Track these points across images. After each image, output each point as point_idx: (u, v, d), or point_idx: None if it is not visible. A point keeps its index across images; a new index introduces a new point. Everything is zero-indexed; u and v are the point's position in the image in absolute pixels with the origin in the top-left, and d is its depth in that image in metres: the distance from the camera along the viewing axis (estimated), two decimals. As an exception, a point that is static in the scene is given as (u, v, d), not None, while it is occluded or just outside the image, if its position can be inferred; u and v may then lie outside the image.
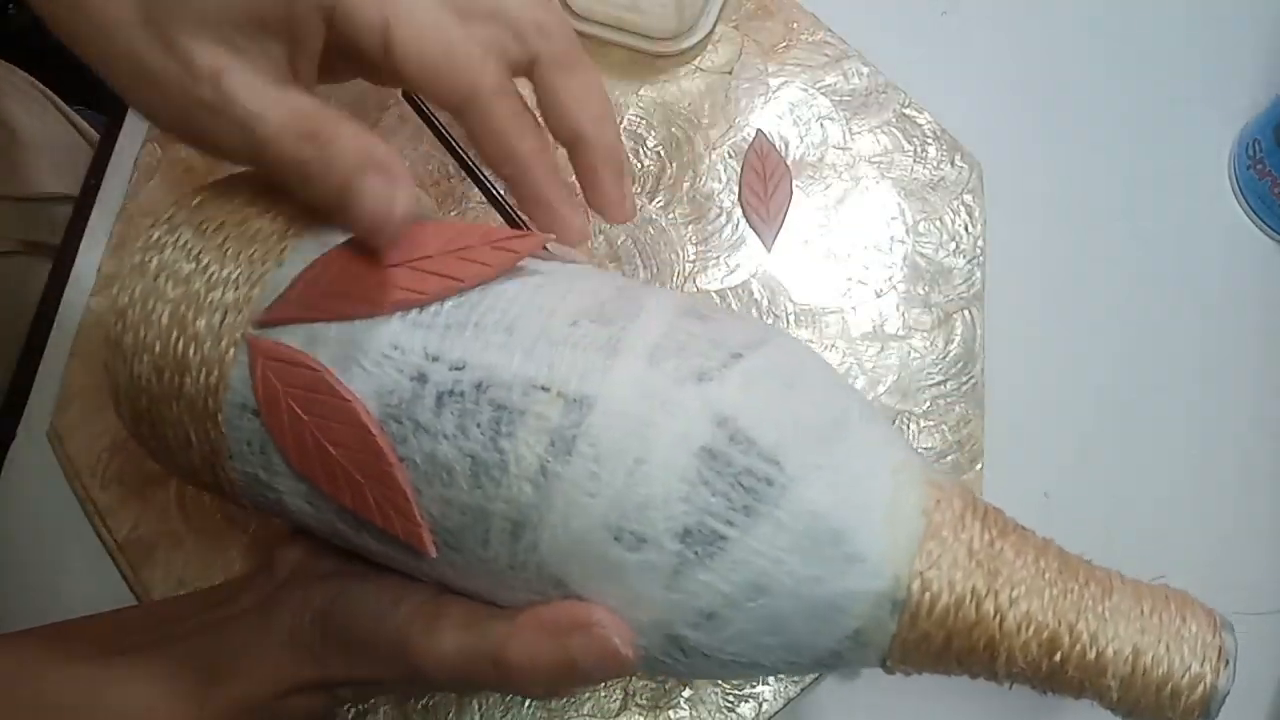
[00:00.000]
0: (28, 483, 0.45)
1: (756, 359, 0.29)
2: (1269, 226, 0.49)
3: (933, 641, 0.28)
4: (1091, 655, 0.27)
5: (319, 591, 0.32)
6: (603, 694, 0.40)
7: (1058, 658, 0.28)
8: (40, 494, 0.45)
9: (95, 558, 0.44)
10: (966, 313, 0.47)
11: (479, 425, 0.27)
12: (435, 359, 0.28)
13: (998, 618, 0.28)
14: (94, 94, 0.65)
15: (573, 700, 0.40)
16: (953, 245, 0.48)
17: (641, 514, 0.27)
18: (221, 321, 0.30)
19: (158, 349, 0.30)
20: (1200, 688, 0.27)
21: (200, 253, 0.31)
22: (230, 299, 0.30)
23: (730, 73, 0.52)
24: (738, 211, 0.49)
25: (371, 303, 0.29)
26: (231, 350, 0.29)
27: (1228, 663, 0.27)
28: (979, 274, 0.47)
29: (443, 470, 0.28)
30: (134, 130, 0.52)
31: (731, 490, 0.27)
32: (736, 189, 0.49)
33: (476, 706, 0.40)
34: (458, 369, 0.28)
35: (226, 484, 0.31)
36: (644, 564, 0.27)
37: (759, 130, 0.50)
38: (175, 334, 0.30)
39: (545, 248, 0.32)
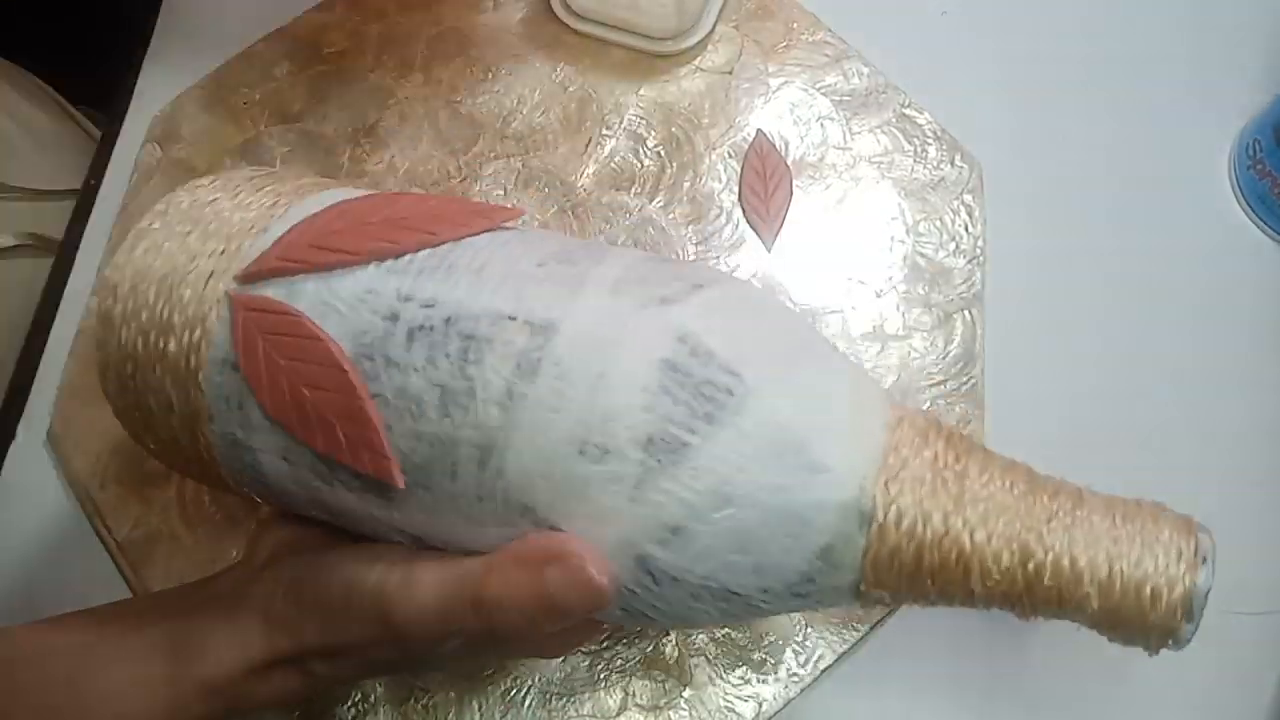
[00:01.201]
0: (28, 483, 0.46)
1: (718, 289, 0.30)
2: (1269, 226, 0.49)
3: (903, 557, 0.28)
4: (1066, 562, 0.27)
5: (291, 564, 0.32)
6: (603, 693, 0.40)
7: (1031, 567, 0.27)
8: (40, 494, 0.45)
9: (95, 558, 0.44)
10: (966, 313, 0.47)
11: (448, 355, 0.28)
12: (408, 299, 0.29)
13: (967, 529, 0.27)
14: (95, 94, 0.66)
15: (572, 700, 0.40)
16: (953, 245, 0.48)
17: (605, 425, 0.27)
18: (206, 283, 0.31)
19: (144, 316, 0.31)
20: (1179, 586, 0.27)
21: (189, 228, 0.32)
22: (215, 264, 0.31)
23: (730, 73, 0.52)
24: (738, 211, 0.49)
25: (349, 252, 0.30)
26: (214, 308, 0.30)
27: (1205, 559, 0.27)
28: (979, 274, 0.47)
29: (412, 403, 0.28)
30: (134, 130, 0.52)
31: (693, 400, 0.27)
32: (736, 189, 0.49)
33: (476, 707, 0.40)
34: (428, 306, 0.29)
35: (205, 451, 0.32)
36: (608, 475, 0.27)
37: (759, 130, 0.50)
38: (162, 300, 0.31)
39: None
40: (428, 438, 0.28)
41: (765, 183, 0.49)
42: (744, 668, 0.41)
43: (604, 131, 0.51)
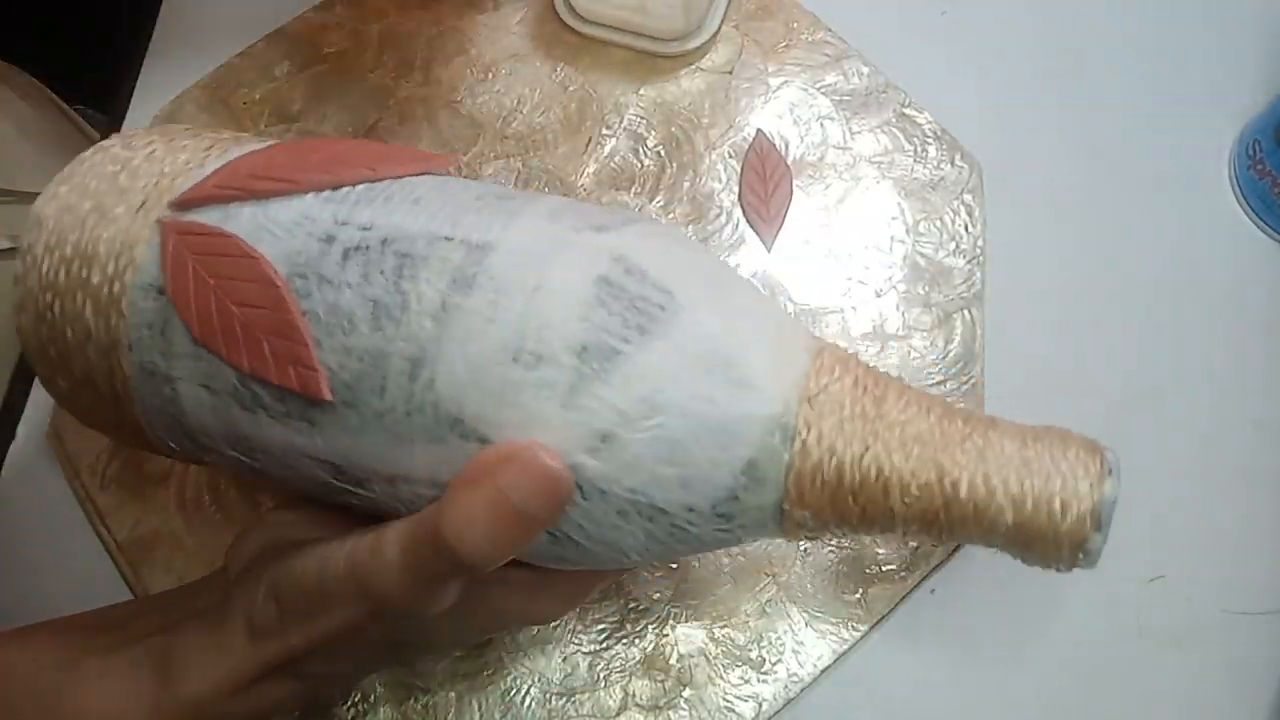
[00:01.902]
0: (28, 483, 0.46)
1: (651, 225, 0.31)
2: (1269, 226, 0.48)
3: (825, 474, 0.28)
4: (979, 479, 0.28)
5: (268, 572, 0.31)
6: (603, 693, 0.40)
7: (948, 483, 0.28)
8: (40, 494, 0.45)
9: (95, 558, 0.44)
10: (966, 313, 0.47)
11: (382, 272, 0.29)
12: (344, 224, 0.30)
13: (886, 449, 0.28)
14: (95, 94, 0.66)
15: (572, 700, 0.40)
16: (953, 245, 0.48)
17: (539, 334, 0.28)
18: (137, 213, 0.31)
19: (69, 245, 0.31)
20: (1087, 498, 0.28)
21: (124, 165, 0.32)
22: (147, 196, 0.31)
23: (730, 72, 0.52)
24: (738, 211, 0.49)
25: (287, 180, 0.30)
26: (145, 233, 0.30)
27: (1110, 471, 0.28)
28: (979, 274, 0.47)
29: (344, 319, 0.29)
30: (134, 129, 0.52)
31: (627, 312, 0.28)
32: (736, 189, 0.49)
33: (476, 707, 0.40)
34: (365, 229, 0.29)
35: (120, 386, 0.31)
36: (541, 381, 0.27)
37: (759, 130, 0.50)
38: (90, 226, 0.31)
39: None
40: (358, 352, 0.28)
41: (765, 183, 0.49)
42: (744, 667, 0.41)
43: (604, 131, 0.51)
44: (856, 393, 0.29)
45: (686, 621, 0.41)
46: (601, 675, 0.41)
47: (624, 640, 0.41)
